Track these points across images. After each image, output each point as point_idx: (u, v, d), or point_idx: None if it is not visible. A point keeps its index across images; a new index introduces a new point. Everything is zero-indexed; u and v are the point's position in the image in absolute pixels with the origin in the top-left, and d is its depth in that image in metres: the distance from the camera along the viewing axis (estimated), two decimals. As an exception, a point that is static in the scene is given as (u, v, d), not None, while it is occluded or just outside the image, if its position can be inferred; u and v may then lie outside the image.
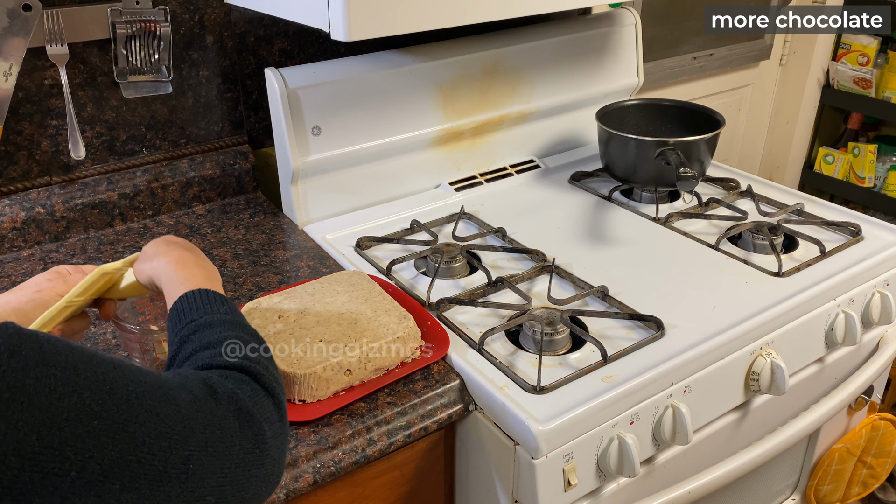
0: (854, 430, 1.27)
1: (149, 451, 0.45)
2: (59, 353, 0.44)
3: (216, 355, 0.57)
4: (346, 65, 1.18)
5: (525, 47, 1.35)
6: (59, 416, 0.42)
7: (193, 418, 0.49)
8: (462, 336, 0.92)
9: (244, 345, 0.59)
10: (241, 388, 0.55)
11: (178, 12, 1.16)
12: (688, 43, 1.98)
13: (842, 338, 1.06)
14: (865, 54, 2.10)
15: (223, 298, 0.64)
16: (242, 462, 0.51)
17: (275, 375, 0.59)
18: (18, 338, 0.42)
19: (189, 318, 0.61)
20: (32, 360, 0.42)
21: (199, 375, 0.53)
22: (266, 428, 0.54)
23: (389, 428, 0.81)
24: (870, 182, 2.22)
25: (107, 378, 0.45)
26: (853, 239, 1.14)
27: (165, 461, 0.46)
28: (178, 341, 0.59)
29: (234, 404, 0.53)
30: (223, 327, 0.60)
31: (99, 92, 1.14)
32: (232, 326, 0.61)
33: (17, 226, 1.10)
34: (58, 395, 0.42)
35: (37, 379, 0.42)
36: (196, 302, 0.62)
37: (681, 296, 1.00)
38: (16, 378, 0.41)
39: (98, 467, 0.43)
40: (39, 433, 0.41)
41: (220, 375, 0.55)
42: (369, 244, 1.14)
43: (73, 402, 0.43)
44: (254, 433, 0.53)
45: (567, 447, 0.79)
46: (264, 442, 0.53)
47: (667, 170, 1.19)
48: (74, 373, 0.44)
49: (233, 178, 1.28)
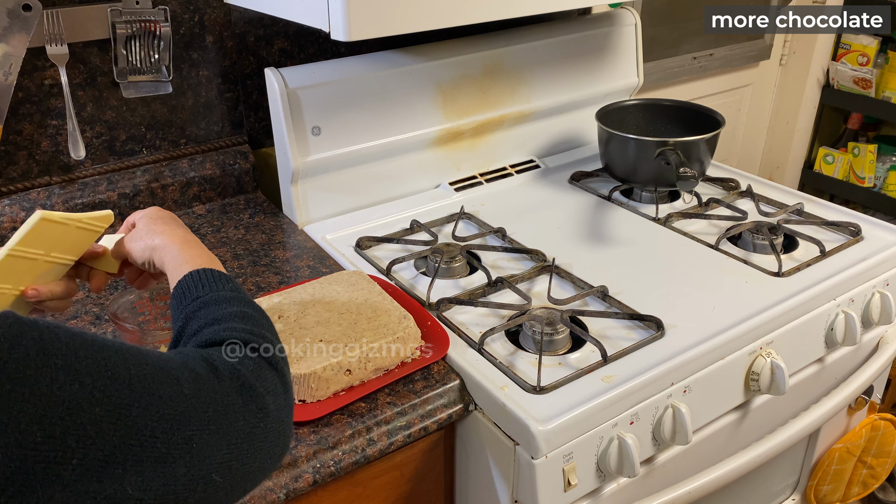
0: (854, 430, 1.27)
1: (151, 433, 0.45)
2: (59, 341, 0.43)
3: (221, 330, 0.57)
4: (346, 65, 1.18)
5: (525, 47, 1.35)
6: (61, 405, 0.42)
7: (196, 397, 0.49)
8: (462, 336, 0.92)
9: (249, 320, 0.60)
10: (244, 363, 0.55)
11: (178, 12, 1.16)
12: (688, 43, 1.98)
13: (842, 338, 1.06)
14: (865, 54, 2.11)
15: (227, 277, 0.65)
16: (247, 437, 0.51)
17: (279, 348, 0.60)
18: (18, 327, 0.42)
19: (195, 294, 0.61)
20: (33, 349, 0.42)
21: (200, 353, 0.54)
22: (269, 401, 0.54)
23: (389, 428, 0.81)
24: (870, 182, 2.22)
25: (108, 363, 0.45)
26: (853, 239, 1.14)
27: (169, 442, 0.46)
28: (184, 317, 0.60)
29: (236, 380, 0.53)
30: (228, 303, 0.61)
31: (99, 92, 1.14)
32: (238, 302, 0.61)
33: (17, 226, 1.10)
34: (59, 384, 0.42)
35: (37, 369, 0.41)
36: (202, 280, 0.63)
37: (681, 296, 1.00)
38: (16, 369, 0.40)
39: (100, 453, 0.43)
40: (41, 424, 0.40)
41: (223, 351, 0.55)
42: (369, 244, 1.14)
43: (75, 391, 0.43)
44: (258, 407, 0.53)
45: (567, 447, 0.79)
46: (267, 416, 0.53)
47: (667, 170, 1.19)
48: (75, 359, 0.44)
49: (233, 178, 1.28)
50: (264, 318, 0.62)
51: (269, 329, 0.61)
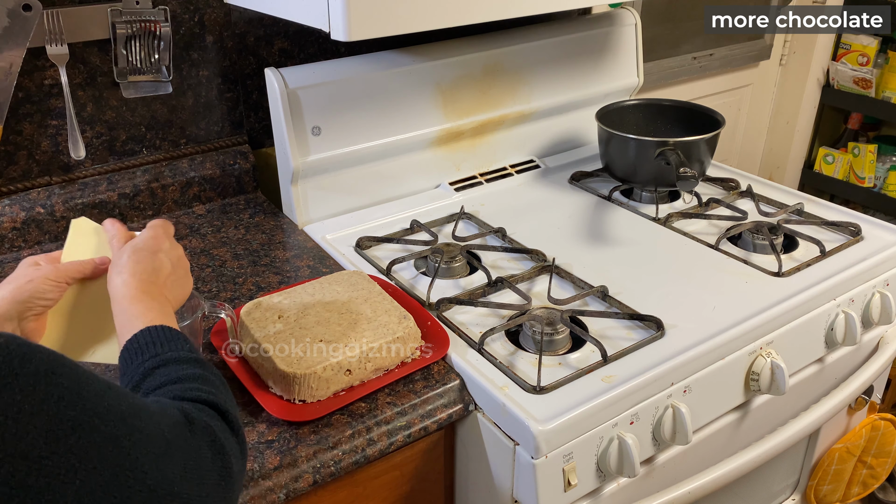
0: (854, 430, 1.27)
1: (141, 468, 0.46)
2: (65, 366, 0.45)
3: (187, 389, 0.58)
4: (346, 65, 1.18)
5: (525, 47, 1.35)
6: (66, 423, 0.43)
7: (174, 443, 0.50)
8: (462, 336, 0.92)
9: (210, 384, 0.60)
10: (214, 423, 0.56)
11: (178, 12, 1.16)
12: (688, 43, 1.98)
13: (842, 338, 1.06)
14: (865, 54, 2.11)
15: (184, 337, 0.63)
16: (213, 492, 0.52)
17: (238, 417, 0.60)
18: (28, 347, 0.43)
19: (153, 351, 0.60)
20: (43, 367, 0.43)
21: (174, 403, 0.55)
22: (233, 462, 0.55)
23: (389, 428, 0.81)
24: (870, 182, 2.22)
25: (106, 395, 0.47)
26: (853, 239, 1.14)
27: (155, 480, 0.47)
28: (142, 372, 0.59)
29: (208, 435, 0.54)
30: (189, 364, 0.60)
31: (99, 92, 1.14)
32: (197, 364, 0.61)
33: (17, 226, 1.10)
34: (65, 403, 0.43)
35: (47, 386, 0.43)
36: (160, 337, 0.61)
37: (681, 296, 1.00)
38: (27, 383, 0.42)
39: (100, 478, 0.44)
40: (47, 438, 0.41)
41: (194, 408, 0.56)
42: (369, 244, 1.14)
43: (78, 413, 0.44)
44: (223, 465, 0.54)
45: (567, 447, 0.79)
46: (231, 476, 0.54)
47: (667, 170, 1.19)
48: (79, 384, 0.45)
49: (233, 178, 1.28)
50: (223, 384, 0.62)
51: (229, 395, 0.62)
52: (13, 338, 0.43)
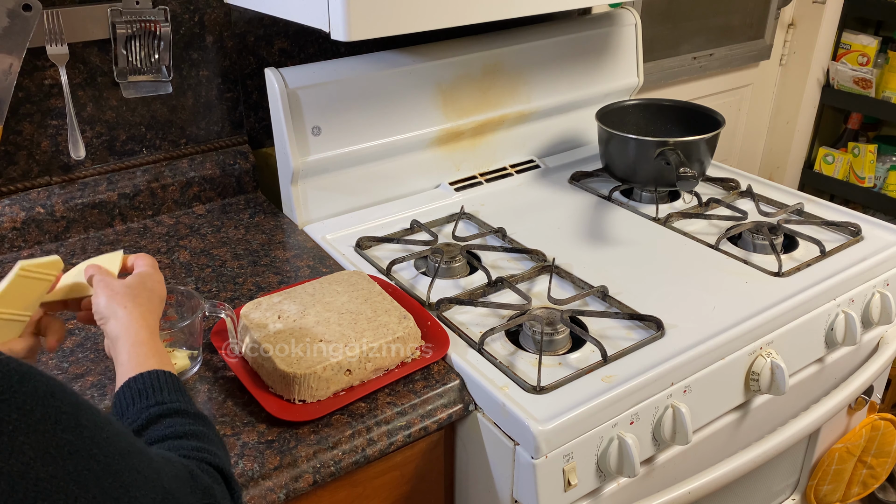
0: (854, 430, 1.27)
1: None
2: (64, 391, 0.44)
3: (195, 449, 0.57)
4: (346, 65, 1.18)
5: (525, 47, 1.35)
6: (63, 447, 0.42)
7: (173, 494, 0.49)
8: (462, 336, 0.92)
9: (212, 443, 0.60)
10: (216, 487, 0.55)
11: (178, 12, 1.16)
12: (688, 43, 1.98)
13: (842, 338, 1.06)
14: (865, 54, 2.11)
15: (184, 388, 0.63)
16: None
17: (237, 482, 0.60)
18: (28, 368, 0.43)
19: (158, 398, 0.60)
20: (41, 389, 0.42)
21: (179, 460, 0.54)
22: None
23: (389, 428, 0.81)
24: (870, 182, 2.22)
25: (105, 428, 0.46)
26: (853, 239, 1.14)
27: None
28: (146, 418, 0.59)
29: (208, 497, 0.53)
30: (195, 421, 0.60)
31: (99, 92, 1.14)
32: (200, 421, 0.61)
33: (17, 226, 1.10)
34: (62, 426, 0.42)
35: (45, 407, 0.42)
36: (166, 385, 0.61)
37: (681, 296, 1.01)
38: (24, 402, 0.41)
39: None
40: (44, 461, 0.41)
41: (199, 467, 0.55)
42: (369, 244, 1.14)
43: (75, 438, 0.43)
44: None
45: (567, 447, 0.79)
46: None
47: (667, 170, 1.19)
48: (78, 411, 0.44)
49: (233, 178, 1.28)
50: (223, 444, 0.62)
51: (228, 457, 0.61)
52: (12, 358, 0.42)
